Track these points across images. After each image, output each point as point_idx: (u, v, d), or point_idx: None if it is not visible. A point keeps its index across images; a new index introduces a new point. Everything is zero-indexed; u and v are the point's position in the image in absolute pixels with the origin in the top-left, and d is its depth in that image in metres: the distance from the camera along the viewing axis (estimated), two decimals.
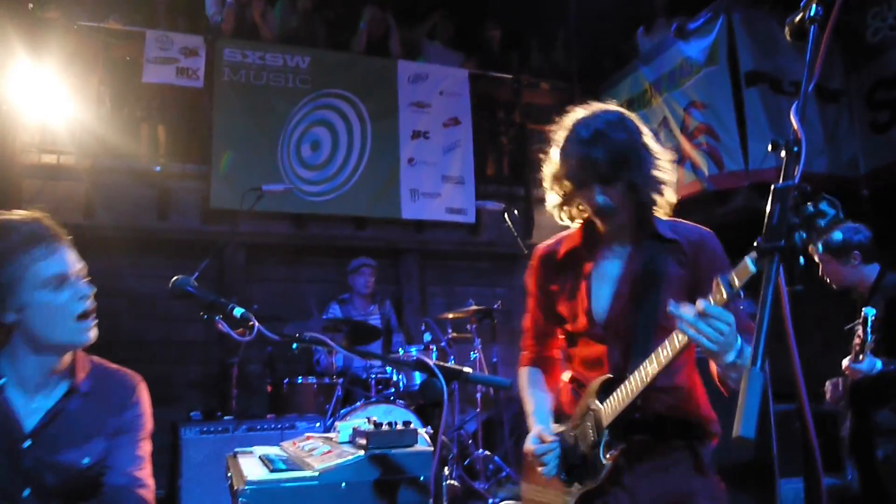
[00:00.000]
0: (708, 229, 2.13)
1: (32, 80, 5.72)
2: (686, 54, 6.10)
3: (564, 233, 2.27)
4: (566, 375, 2.23)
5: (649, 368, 1.83)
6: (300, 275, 7.05)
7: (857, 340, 3.39)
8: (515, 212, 5.79)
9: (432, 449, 1.93)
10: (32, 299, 1.77)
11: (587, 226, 2.18)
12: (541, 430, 2.10)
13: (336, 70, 6.95)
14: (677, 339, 1.76)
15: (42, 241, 1.79)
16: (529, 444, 2.10)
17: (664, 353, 1.80)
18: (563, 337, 2.25)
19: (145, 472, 1.97)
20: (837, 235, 3.66)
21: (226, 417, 4.56)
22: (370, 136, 6.91)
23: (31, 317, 1.78)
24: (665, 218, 2.10)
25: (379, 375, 5.16)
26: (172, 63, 6.37)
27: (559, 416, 2.18)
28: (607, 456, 1.94)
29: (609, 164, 1.95)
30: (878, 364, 3.37)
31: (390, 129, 7.00)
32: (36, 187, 6.06)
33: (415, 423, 2.10)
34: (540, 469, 2.07)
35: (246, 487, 1.80)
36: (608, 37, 7.88)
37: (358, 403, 4.66)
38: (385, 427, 2.02)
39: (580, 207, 2.16)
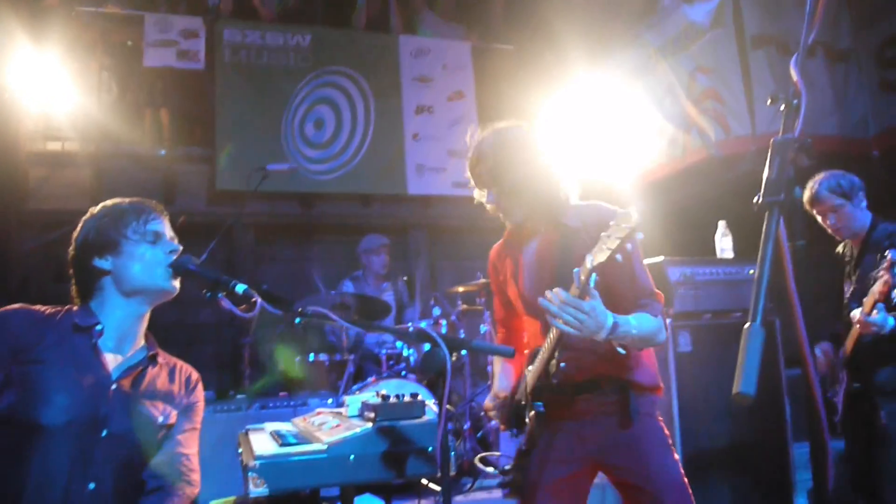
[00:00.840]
0: (609, 208, 2.33)
1: (34, 68, 5.71)
2: (691, 18, 5.99)
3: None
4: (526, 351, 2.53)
5: (545, 345, 2.19)
6: (309, 254, 7.06)
7: (879, 287, 3.24)
8: None
9: (440, 419, 1.93)
10: (131, 249, 2.02)
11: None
12: (495, 390, 2.51)
13: (337, 47, 6.91)
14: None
15: (145, 209, 2.08)
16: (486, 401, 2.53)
17: (550, 334, 2.15)
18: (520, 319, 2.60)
19: (195, 458, 2.13)
20: (845, 178, 3.63)
21: (238, 396, 4.58)
22: (374, 113, 6.88)
23: (128, 264, 2.01)
24: (579, 203, 2.41)
25: (390, 351, 5.17)
26: (172, 46, 6.34)
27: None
28: (530, 415, 2.31)
29: (487, 175, 2.39)
30: (892, 321, 3.28)
31: (394, 105, 6.96)
32: (42, 175, 6.08)
33: (425, 397, 2.10)
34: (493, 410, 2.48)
35: (256, 462, 1.81)
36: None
37: (369, 379, 4.68)
38: (393, 399, 2.03)
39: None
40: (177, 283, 2.07)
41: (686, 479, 2.27)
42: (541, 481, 2.29)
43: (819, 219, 3.69)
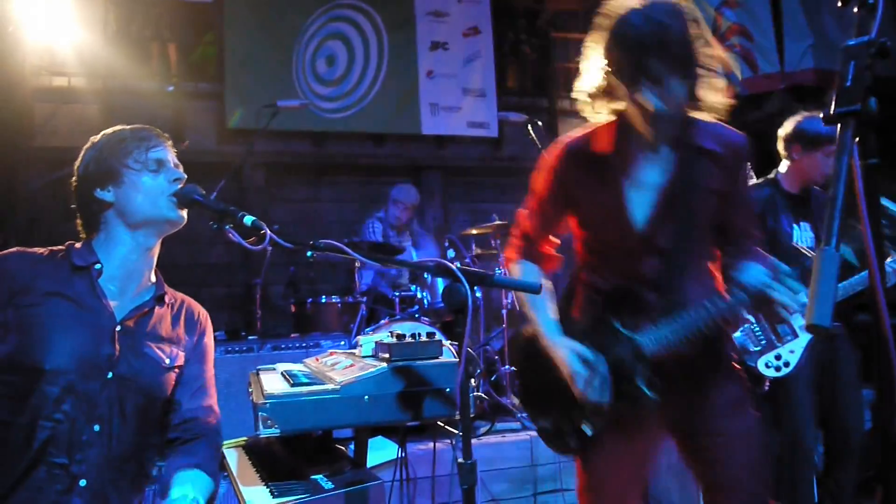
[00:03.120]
0: (743, 135, 2.06)
1: (38, 1, 5.54)
2: None
3: (592, 128, 2.11)
4: (584, 279, 2.16)
5: (707, 320, 1.88)
6: (321, 194, 6.95)
7: None
8: (539, 123, 5.57)
9: (457, 360, 1.84)
10: (133, 179, 1.93)
11: (622, 125, 2.02)
12: (581, 351, 2.03)
13: None
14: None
15: (147, 137, 2.00)
16: (573, 365, 2.01)
17: (723, 311, 1.88)
18: (585, 243, 2.17)
19: (215, 404, 2.09)
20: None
21: (250, 337, 4.53)
22: (387, 49, 6.68)
23: (130, 195, 1.92)
24: (702, 119, 2.01)
25: (404, 293, 5.10)
26: None
27: (565, 319, 2.12)
28: (650, 388, 1.93)
29: (667, 61, 1.81)
30: None
31: (408, 41, 6.75)
32: (48, 111, 5.96)
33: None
34: (583, 390, 2.00)
35: (266, 401, 1.73)
36: None
37: (382, 321, 4.61)
38: (408, 339, 1.94)
39: (617, 105, 2.00)
40: (184, 213, 1.97)
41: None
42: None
43: (819, 158, 3.47)
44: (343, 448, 2.30)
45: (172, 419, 1.98)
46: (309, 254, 1.72)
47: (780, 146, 3.63)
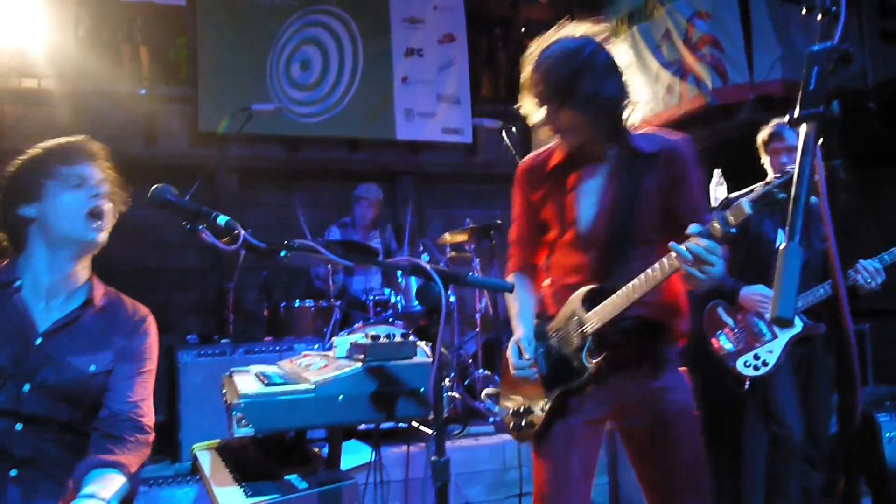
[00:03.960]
0: (683, 136, 2.26)
1: (8, 2, 5.48)
2: None
3: (549, 146, 2.36)
4: (547, 281, 2.38)
5: (637, 288, 2.01)
6: (294, 199, 6.92)
7: None
8: (514, 130, 5.61)
9: (431, 360, 1.86)
10: (53, 196, 1.94)
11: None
12: (521, 341, 2.25)
13: None
14: (667, 265, 1.93)
15: (70, 151, 2.00)
16: (509, 353, 2.27)
17: (653, 274, 1.97)
18: (545, 245, 2.39)
19: (147, 404, 2.06)
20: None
21: (223, 341, 4.51)
22: (362, 55, 6.68)
23: (49, 212, 1.93)
24: (643, 131, 2.26)
25: (377, 297, 5.10)
26: None
27: (541, 316, 2.35)
28: (592, 361, 2.11)
29: (557, 88, 2.11)
30: None
31: (383, 47, 6.76)
32: (18, 113, 5.88)
33: None
34: (514, 374, 2.25)
35: (240, 401, 1.73)
36: None
37: (356, 325, 4.61)
38: (383, 339, 1.95)
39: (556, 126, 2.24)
40: (101, 236, 1.99)
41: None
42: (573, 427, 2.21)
43: (767, 159, 3.62)
44: (317, 450, 2.31)
45: (99, 414, 1.99)
46: (283, 253, 1.71)
47: (761, 156, 3.73)
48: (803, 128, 0.96)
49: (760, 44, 5.40)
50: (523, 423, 2.29)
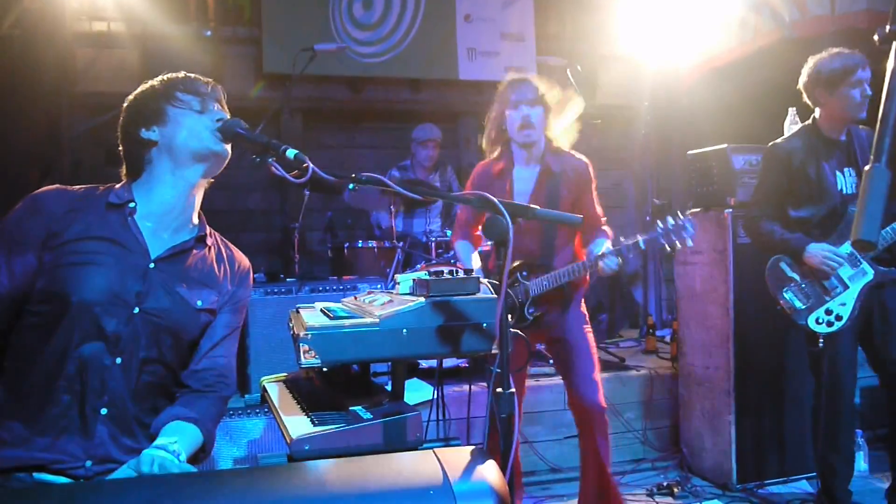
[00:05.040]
0: (583, 159, 3.50)
1: None
2: None
3: (493, 157, 3.55)
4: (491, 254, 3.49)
5: (566, 275, 3.31)
6: (357, 140, 6.95)
7: None
8: (579, 68, 5.48)
9: (495, 297, 1.85)
10: (178, 117, 1.97)
11: (508, 155, 3.48)
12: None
13: None
14: (587, 265, 3.29)
15: (195, 80, 2.06)
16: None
17: (576, 270, 3.31)
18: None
19: (234, 361, 2.11)
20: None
21: (289, 280, 4.60)
22: None
23: (175, 132, 1.95)
24: (561, 151, 3.47)
25: (439, 238, 5.12)
26: None
27: (486, 269, 3.51)
28: (532, 312, 3.37)
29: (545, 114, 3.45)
30: None
31: None
32: (89, 56, 6.00)
33: None
34: None
35: (307, 332, 1.76)
36: None
37: (418, 266, 4.65)
38: (446, 275, 1.95)
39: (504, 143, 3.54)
40: (228, 147, 1.99)
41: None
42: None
43: (846, 93, 3.35)
44: (381, 385, 2.34)
45: (191, 366, 2.00)
46: (351, 186, 1.71)
47: (806, 95, 3.53)
48: None
49: None
50: None
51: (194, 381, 1.99)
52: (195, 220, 2.06)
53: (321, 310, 2.20)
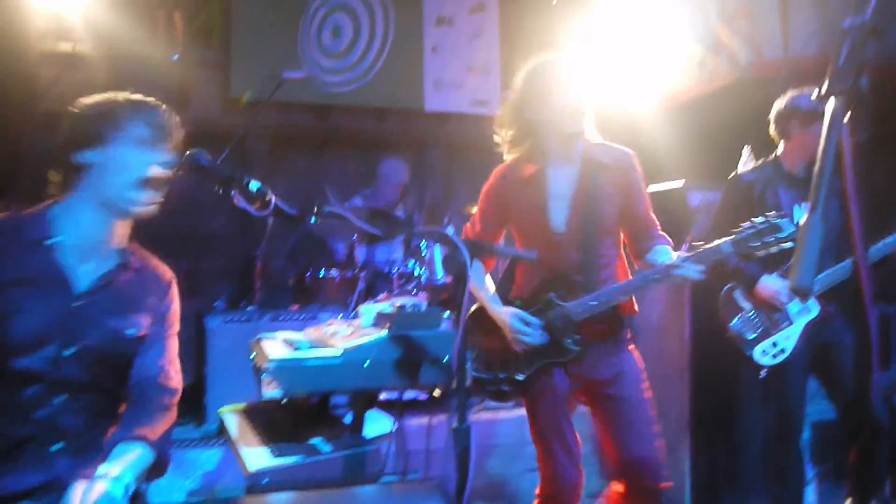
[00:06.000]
0: (627, 150, 2.81)
1: None
2: None
3: (516, 158, 2.86)
4: (523, 268, 2.84)
5: (621, 293, 2.62)
6: (323, 168, 6.96)
7: None
8: None
9: (455, 330, 1.88)
10: (115, 148, 1.84)
11: (541, 153, 2.76)
12: (522, 315, 2.67)
13: None
14: (658, 275, 2.58)
15: (145, 112, 1.91)
16: (514, 324, 2.65)
17: (640, 283, 2.64)
18: (521, 243, 2.81)
19: (174, 366, 2.03)
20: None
21: (249, 308, 4.57)
22: (393, 23, 6.64)
23: (107, 163, 1.83)
24: (598, 142, 2.78)
25: (401, 269, 5.13)
26: None
27: (506, 295, 2.83)
28: (575, 342, 2.62)
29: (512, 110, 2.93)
30: None
31: (413, 16, 6.70)
32: (53, 76, 5.94)
33: None
34: (522, 339, 2.64)
35: (270, 364, 1.77)
36: None
37: (380, 296, 4.65)
38: (408, 309, 1.98)
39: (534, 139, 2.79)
40: (143, 209, 1.90)
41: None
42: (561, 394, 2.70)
43: (799, 134, 3.46)
44: (340, 416, 2.35)
45: (128, 382, 1.96)
46: (313, 219, 1.73)
47: (776, 126, 3.61)
48: (831, 102, 0.96)
49: (797, 17, 5.29)
50: (503, 389, 2.73)
51: (134, 398, 1.95)
52: (118, 245, 1.99)
53: (284, 340, 2.21)
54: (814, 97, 1.15)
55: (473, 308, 2.83)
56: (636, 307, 2.79)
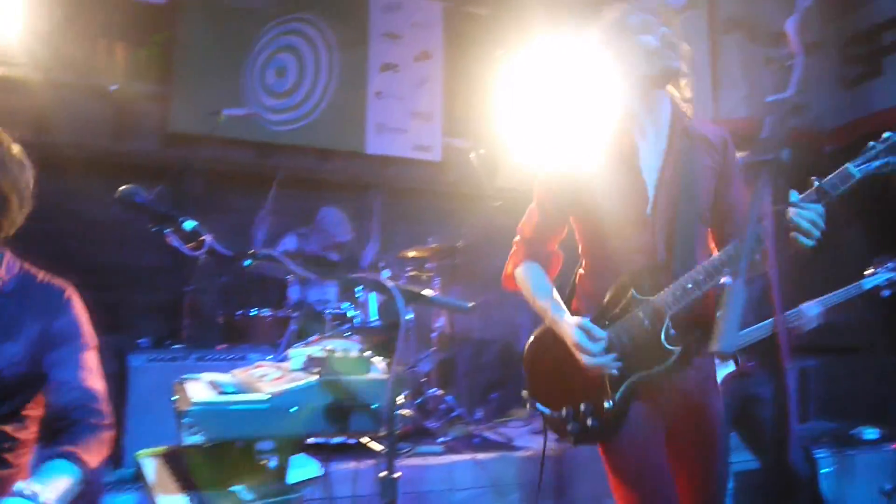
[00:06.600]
0: (722, 129, 2.33)
1: None
2: None
3: (577, 131, 2.35)
4: (586, 268, 2.33)
5: (723, 267, 1.92)
6: (261, 206, 6.87)
7: None
8: (482, 151, 5.67)
9: (387, 377, 1.87)
10: None
11: (627, 117, 2.24)
12: (584, 324, 2.12)
13: None
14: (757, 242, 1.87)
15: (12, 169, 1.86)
16: (577, 339, 2.10)
17: (744, 256, 1.83)
18: (593, 232, 2.28)
19: (95, 383, 1.94)
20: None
21: (175, 346, 4.45)
22: (338, 66, 6.70)
23: None
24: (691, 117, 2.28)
25: (334, 311, 5.08)
26: None
27: (578, 308, 2.29)
28: (672, 343, 2.03)
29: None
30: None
31: (359, 60, 6.79)
32: None
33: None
34: (590, 361, 2.08)
35: (192, 408, 1.72)
36: None
37: (312, 338, 4.59)
38: (339, 354, 1.95)
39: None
40: None
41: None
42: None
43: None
44: (264, 462, 2.29)
45: (47, 413, 1.89)
46: (247, 262, 1.71)
47: None
48: (754, 174, 1.01)
49: (727, 82, 5.55)
50: (587, 423, 2.17)
51: (57, 424, 1.89)
52: None
53: (208, 382, 2.15)
54: (741, 166, 1.20)
55: (538, 331, 2.34)
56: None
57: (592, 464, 4.14)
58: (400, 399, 1.71)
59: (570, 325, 2.13)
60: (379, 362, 2.03)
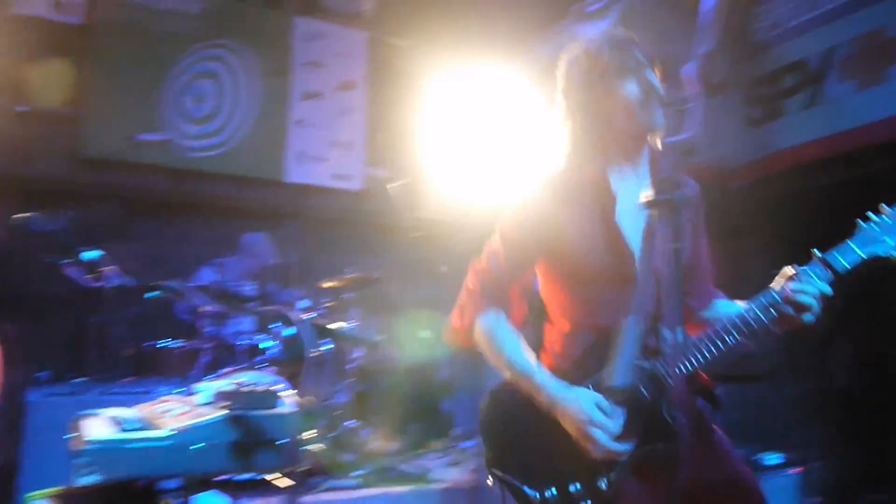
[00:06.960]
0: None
1: None
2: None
3: (550, 174, 2.06)
4: (558, 323, 2.01)
5: (728, 335, 1.74)
6: (176, 233, 6.70)
7: None
8: (403, 182, 5.69)
9: (294, 412, 1.84)
10: None
11: (600, 167, 1.96)
12: (600, 399, 1.73)
13: (228, 20, 6.60)
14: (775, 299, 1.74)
15: None
16: (593, 416, 1.74)
17: (749, 326, 1.75)
18: (570, 284, 1.96)
19: None
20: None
21: (78, 380, 4.25)
22: (259, 94, 6.64)
23: None
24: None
25: (248, 342, 4.96)
26: None
27: (551, 369, 1.89)
28: (673, 415, 1.69)
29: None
30: None
31: (281, 88, 6.75)
32: None
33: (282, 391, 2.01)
34: (608, 446, 1.75)
35: (86, 447, 1.65)
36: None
37: (224, 370, 4.47)
38: (246, 388, 1.92)
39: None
40: None
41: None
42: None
43: None
44: (168, 500, 2.21)
45: None
46: (152, 294, 1.67)
47: None
48: (653, 212, 1.05)
49: None
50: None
51: None
52: None
53: (110, 418, 2.07)
54: (642, 204, 1.21)
55: (494, 388, 2.00)
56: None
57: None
58: (311, 433, 1.67)
59: (578, 398, 1.76)
60: (287, 396, 2.00)
